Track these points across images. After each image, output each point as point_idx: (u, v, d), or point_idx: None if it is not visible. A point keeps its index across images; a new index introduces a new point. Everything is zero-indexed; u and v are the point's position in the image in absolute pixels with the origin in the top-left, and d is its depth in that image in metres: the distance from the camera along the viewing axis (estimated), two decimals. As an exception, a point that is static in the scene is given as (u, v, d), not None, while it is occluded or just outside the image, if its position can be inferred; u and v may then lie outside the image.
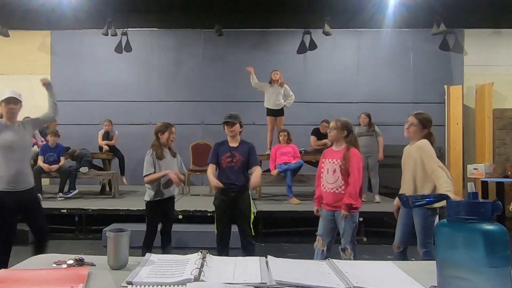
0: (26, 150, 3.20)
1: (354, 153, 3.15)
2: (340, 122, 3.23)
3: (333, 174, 3.17)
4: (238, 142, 3.44)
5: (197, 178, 8.22)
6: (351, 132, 3.24)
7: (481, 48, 8.35)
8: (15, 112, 3.11)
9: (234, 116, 3.42)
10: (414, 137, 3.04)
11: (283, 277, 1.19)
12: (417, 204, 1.18)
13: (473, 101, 8.22)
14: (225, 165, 3.40)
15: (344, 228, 3.13)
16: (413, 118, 3.06)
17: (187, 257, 1.40)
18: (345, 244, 3.14)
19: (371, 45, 8.56)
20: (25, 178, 3.06)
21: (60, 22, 7.85)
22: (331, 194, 3.17)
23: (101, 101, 8.36)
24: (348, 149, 3.16)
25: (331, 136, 3.30)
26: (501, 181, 6.69)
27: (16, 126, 3.11)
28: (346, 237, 3.14)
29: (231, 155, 3.38)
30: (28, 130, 3.22)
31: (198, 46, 8.65)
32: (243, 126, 3.51)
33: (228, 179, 3.38)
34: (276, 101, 6.67)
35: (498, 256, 0.90)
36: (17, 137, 3.06)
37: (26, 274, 1.25)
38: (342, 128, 3.20)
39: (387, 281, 1.23)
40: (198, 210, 5.26)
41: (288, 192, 5.88)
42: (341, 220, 3.13)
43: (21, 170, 3.03)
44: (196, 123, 8.45)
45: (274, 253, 1.53)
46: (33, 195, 3.18)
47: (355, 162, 3.12)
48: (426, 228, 2.94)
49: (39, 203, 3.25)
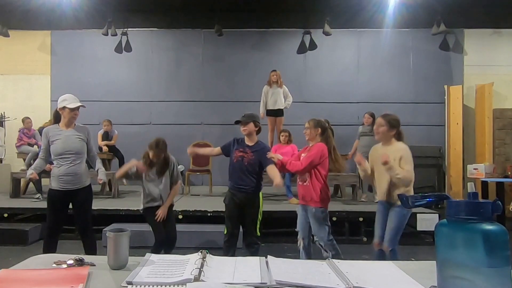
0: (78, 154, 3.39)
1: (317, 145, 3.32)
2: (313, 121, 3.42)
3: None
4: (254, 142, 3.46)
5: (197, 178, 8.23)
6: (326, 129, 3.38)
7: (481, 48, 8.36)
8: (76, 117, 3.39)
9: (248, 116, 3.44)
10: (384, 137, 3.16)
11: (283, 277, 1.19)
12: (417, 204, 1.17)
13: (473, 101, 8.22)
14: (235, 160, 3.40)
15: (313, 224, 3.26)
16: (381, 119, 3.19)
17: (187, 257, 1.40)
18: (318, 241, 3.25)
19: (371, 45, 8.56)
20: (76, 178, 3.35)
21: (60, 22, 7.85)
22: (301, 188, 3.35)
23: (101, 101, 8.36)
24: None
25: (307, 136, 3.44)
26: (501, 181, 6.68)
27: (69, 131, 3.37)
28: (316, 233, 3.26)
29: (243, 151, 3.40)
30: (83, 137, 3.42)
31: (198, 46, 8.65)
32: (260, 126, 3.51)
33: (239, 180, 3.39)
34: (276, 102, 6.67)
35: (498, 256, 0.90)
36: (69, 142, 3.33)
37: (26, 274, 1.25)
38: (315, 126, 3.37)
39: (387, 281, 1.23)
40: (198, 210, 5.26)
41: (287, 192, 5.88)
42: (311, 215, 3.25)
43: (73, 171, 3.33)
44: (196, 123, 8.46)
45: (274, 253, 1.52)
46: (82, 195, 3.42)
47: (313, 151, 3.27)
48: (399, 226, 3.04)
49: (85, 202, 3.47)
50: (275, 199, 6.27)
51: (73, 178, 3.33)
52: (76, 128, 3.41)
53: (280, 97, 6.70)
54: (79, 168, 3.37)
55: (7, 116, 8.22)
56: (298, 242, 3.38)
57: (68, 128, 3.37)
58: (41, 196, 6.02)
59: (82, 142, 3.38)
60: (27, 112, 7.61)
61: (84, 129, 3.45)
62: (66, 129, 3.36)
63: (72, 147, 3.32)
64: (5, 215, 5.50)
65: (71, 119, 3.35)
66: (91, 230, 3.52)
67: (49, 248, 3.31)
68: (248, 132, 3.41)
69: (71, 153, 3.32)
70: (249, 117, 3.43)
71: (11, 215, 5.58)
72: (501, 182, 6.67)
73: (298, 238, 3.38)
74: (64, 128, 3.36)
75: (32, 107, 8.22)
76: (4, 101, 8.49)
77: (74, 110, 3.33)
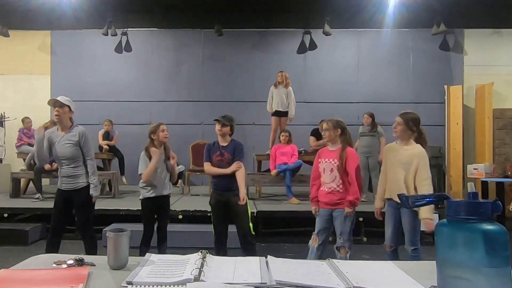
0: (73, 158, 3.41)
1: (350, 152, 3.20)
2: (332, 122, 3.29)
3: (330, 174, 3.21)
4: (227, 142, 3.53)
5: (197, 178, 8.22)
6: (345, 129, 3.27)
7: (481, 48, 8.36)
8: (58, 115, 3.34)
9: (228, 118, 3.51)
10: (402, 136, 3.09)
11: (283, 277, 1.19)
12: (417, 204, 1.17)
13: (473, 101, 8.22)
14: (216, 165, 3.49)
15: (343, 227, 3.16)
16: (399, 118, 3.11)
17: (187, 257, 1.40)
18: (343, 242, 3.17)
19: (371, 45, 8.56)
20: (73, 180, 3.39)
21: (60, 22, 7.85)
22: (328, 193, 3.22)
23: (101, 101, 8.36)
24: (344, 149, 3.20)
25: (326, 137, 3.34)
26: (501, 181, 6.68)
27: (63, 135, 3.37)
28: (344, 235, 3.17)
29: (220, 154, 3.49)
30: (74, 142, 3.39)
31: (198, 46, 8.65)
32: (234, 130, 3.59)
33: (223, 181, 3.47)
34: (280, 102, 6.65)
35: (498, 256, 0.90)
36: (61, 149, 3.36)
37: (26, 274, 1.25)
38: (334, 127, 3.25)
39: (387, 281, 1.23)
40: (198, 210, 5.26)
41: (287, 192, 5.88)
42: (340, 219, 3.16)
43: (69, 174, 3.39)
44: (195, 123, 8.45)
45: (274, 253, 1.52)
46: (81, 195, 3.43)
47: (352, 161, 3.17)
48: (414, 226, 3.03)
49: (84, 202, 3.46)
50: (275, 199, 6.27)
51: (70, 180, 3.39)
52: (70, 132, 3.38)
53: (284, 97, 6.67)
54: (75, 171, 3.39)
55: (7, 116, 8.21)
56: (311, 242, 3.29)
57: (63, 131, 3.39)
58: (41, 196, 6.02)
59: (72, 148, 3.35)
60: (27, 112, 7.61)
61: (77, 133, 3.39)
62: (61, 132, 3.40)
63: (63, 154, 3.36)
64: (5, 215, 5.49)
65: (55, 118, 3.38)
66: (91, 230, 3.53)
67: (52, 247, 3.32)
68: (223, 133, 3.50)
69: (63, 159, 3.37)
70: (229, 120, 3.51)
71: (11, 215, 5.58)
72: (501, 182, 6.66)
73: (314, 239, 3.28)
74: (60, 132, 3.41)
75: (32, 107, 8.21)
76: (4, 101, 8.49)
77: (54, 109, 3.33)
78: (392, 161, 3.12)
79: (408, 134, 3.06)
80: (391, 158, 3.14)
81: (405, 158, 3.03)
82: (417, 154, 3.01)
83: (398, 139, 3.15)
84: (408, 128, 3.05)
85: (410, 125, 3.05)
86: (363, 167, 6.31)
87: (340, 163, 3.15)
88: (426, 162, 2.99)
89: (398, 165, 3.07)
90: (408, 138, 3.08)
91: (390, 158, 3.17)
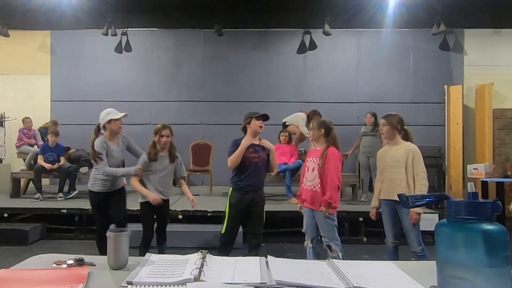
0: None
1: (331, 152, 3.21)
2: (316, 122, 3.37)
3: (311, 172, 3.26)
4: (258, 141, 3.41)
5: (197, 178, 8.22)
6: (330, 130, 3.29)
7: (481, 48, 8.35)
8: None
9: (266, 115, 3.37)
10: (390, 136, 3.24)
11: (283, 277, 1.19)
12: (417, 204, 1.17)
13: (473, 101, 8.22)
14: (248, 162, 3.31)
15: (323, 227, 3.21)
16: (382, 119, 3.30)
17: (187, 257, 1.40)
18: (328, 242, 3.21)
19: (371, 45, 8.55)
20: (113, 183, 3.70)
21: (60, 22, 7.84)
22: (309, 192, 3.27)
23: (101, 101, 8.33)
24: (327, 148, 3.22)
25: (311, 137, 3.39)
26: (501, 181, 6.68)
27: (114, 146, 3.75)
28: (327, 235, 3.21)
29: (254, 151, 3.34)
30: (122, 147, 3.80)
31: (198, 46, 8.64)
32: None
33: (256, 181, 3.35)
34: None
35: (498, 256, 0.90)
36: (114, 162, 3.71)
37: (26, 274, 1.25)
38: (318, 127, 3.29)
39: (387, 281, 1.23)
40: (198, 210, 5.25)
41: (287, 192, 5.88)
42: (320, 219, 3.20)
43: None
44: (195, 123, 8.45)
45: (274, 253, 1.53)
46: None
47: (332, 161, 3.17)
48: (415, 225, 3.10)
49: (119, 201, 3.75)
50: (275, 199, 6.27)
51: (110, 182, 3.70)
52: (118, 141, 3.79)
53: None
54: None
55: (7, 116, 8.21)
56: (305, 242, 3.36)
57: (113, 142, 3.74)
58: (41, 196, 6.02)
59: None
60: (27, 112, 7.61)
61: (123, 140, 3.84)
62: (112, 144, 3.71)
63: (115, 165, 3.71)
64: (5, 215, 5.49)
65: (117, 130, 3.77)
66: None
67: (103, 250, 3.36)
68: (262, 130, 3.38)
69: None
70: (267, 116, 3.37)
71: (11, 215, 5.58)
72: (501, 182, 6.66)
73: (306, 239, 3.35)
74: (111, 144, 3.71)
75: (32, 107, 8.22)
76: (4, 101, 8.49)
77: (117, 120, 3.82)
78: (387, 162, 3.22)
79: (394, 134, 3.21)
80: (386, 160, 3.24)
81: (399, 156, 3.14)
82: (410, 150, 3.14)
83: (388, 141, 3.31)
84: (393, 127, 3.19)
85: (394, 125, 3.19)
86: (365, 167, 6.31)
87: (321, 162, 3.19)
88: (419, 156, 3.12)
89: (393, 164, 3.17)
90: (395, 137, 3.22)
91: (384, 160, 3.27)
